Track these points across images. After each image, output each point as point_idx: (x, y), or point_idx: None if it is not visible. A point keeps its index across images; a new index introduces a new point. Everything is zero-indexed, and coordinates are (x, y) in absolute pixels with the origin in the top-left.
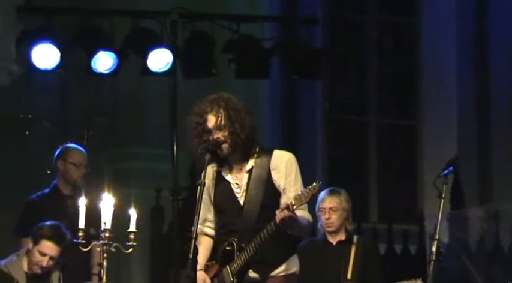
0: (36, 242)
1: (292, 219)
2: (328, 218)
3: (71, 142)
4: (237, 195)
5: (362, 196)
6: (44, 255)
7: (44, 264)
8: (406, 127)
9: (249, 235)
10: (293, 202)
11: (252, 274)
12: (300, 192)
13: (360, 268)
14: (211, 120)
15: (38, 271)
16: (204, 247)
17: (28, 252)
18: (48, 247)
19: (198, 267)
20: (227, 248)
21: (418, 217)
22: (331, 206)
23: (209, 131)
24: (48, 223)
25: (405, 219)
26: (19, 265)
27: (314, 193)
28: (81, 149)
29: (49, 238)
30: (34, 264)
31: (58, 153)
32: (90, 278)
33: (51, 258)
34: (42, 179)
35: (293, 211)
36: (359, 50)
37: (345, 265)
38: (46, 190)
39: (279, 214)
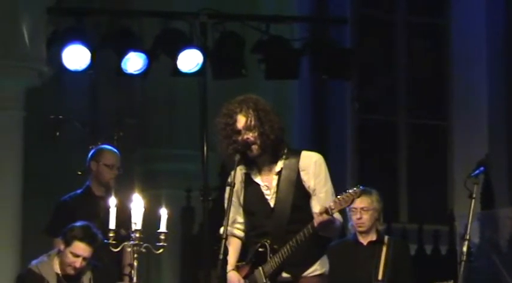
0: (68, 243)
1: (330, 223)
2: (360, 218)
3: (104, 143)
4: (267, 197)
5: (392, 196)
6: (77, 256)
7: (78, 265)
8: (436, 127)
9: (281, 237)
10: (332, 206)
11: (284, 274)
12: (339, 196)
13: (391, 269)
14: (241, 121)
15: (72, 272)
16: (234, 248)
17: (59, 253)
18: (81, 249)
19: (229, 267)
20: (259, 249)
21: (449, 217)
22: (363, 206)
23: (238, 132)
24: (79, 224)
25: (435, 219)
26: (50, 266)
27: (355, 197)
28: (115, 150)
29: (81, 239)
30: (67, 265)
31: (92, 154)
32: (122, 279)
33: (84, 258)
34: (73, 180)
35: (332, 215)
36: (388, 49)
37: (375, 265)
38: (78, 191)
39: (318, 218)
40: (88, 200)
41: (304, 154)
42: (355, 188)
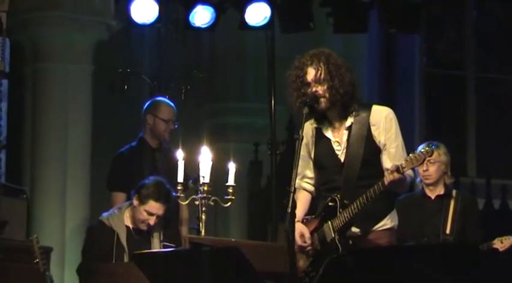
0: (142, 201)
1: (401, 181)
2: (426, 170)
3: (169, 97)
4: (337, 152)
5: (460, 150)
6: (151, 214)
7: (152, 222)
8: (506, 81)
9: (351, 192)
10: (403, 165)
11: (353, 229)
12: (411, 155)
13: (459, 223)
14: (311, 73)
15: (145, 228)
16: (302, 201)
17: (132, 207)
18: (156, 208)
19: (296, 219)
20: (330, 204)
21: None
22: (429, 158)
23: (308, 84)
24: (152, 180)
25: (504, 174)
26: (120, 219)
27: (426, 157)
28: (171, 104)
29: (157, 199)
30: (141, 221)
31: (147, 106)
32: (179, 233)
33: (157, 216)
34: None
35: (403, 173)
36: (458, 3)
37: (443, 219)
38: (133, 143)
39: (389, 177)
40: (144, 152)
41: (375, 108)
42: (426, 147)
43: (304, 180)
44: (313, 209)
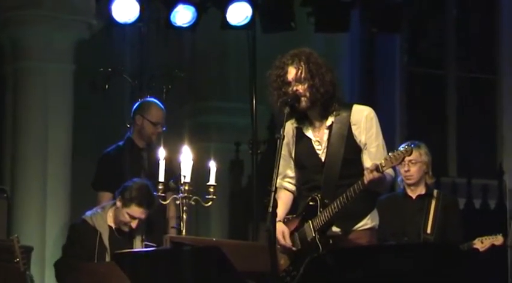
0: (125, 204)
1: (380, 180)
2: (407, 170)
3: (151, 96)
4: (318, 151)
5: (441, 150)
6: (134, 218)
7: (134, 225)
8: (486, 81)
9: (332, 191)
10: (383, 164)
11: (334, 228)
12: (390, 154)
13: (440, 223)
14: (291, 73)
15: (126, 229)
16: (284, 201)
17: (115, 208)
18: (138, 212)
19: (277, 219)
20: (310, 203)
21: (498, 171)
22: (411, 159)
23: (289, 83)
24: (136, 183)
25: (484, 174)
26: (103, 218)
27: (406, 156)
28: (161, 106)
29: (139, 204)
30: (123, 223)
31: (137, 107)
32: (167, 231)
33: (140, 220)
34: (122, 133)
35: (382, 172)
36: (439, 2)
37: (424, 219)
38: (120, 143)
39: (368, 176)
40: (131, 152)
41: (356, 108)
42: (406, 146)
43: (286, 179)
44: (294, 209)
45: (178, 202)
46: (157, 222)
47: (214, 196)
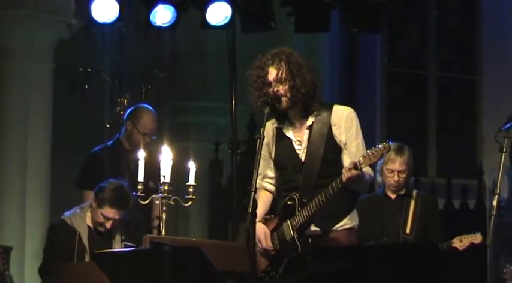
0: (99, 205)
1: (359, 178)
2: (397, 181)
3: (144, 102)
4: (298, 151)
5: (421, 150)
6: (107, 218)
7: (108, 226)
8: (466, 81)
9: (310, 191)
10: (361, 161)
11: (313, 228)
12: (368, 152)
13: (419, 223)
14: (272, 73)
15: (101, 230)
16: (263, 201)
17: (92, 208)
18: (112, 213)
19: (257, 219)
20: (288, 203)
21: (477, 171)
22: (400, 169)
23: (269, 84)
24: (110, 184)
25: (464, 174)
26: (82, 218)
27: (384, 153)
28: (154, 116)
29: (112, 205)
30: (98, 224)
31: (130, 112)
32: (151, 231)
33: (114, 220)
34: (101, 132)
35: (361, 170)
36: (419, 2)
37: (404, 219)
38: (108, 143)
39: (346, 174)
40: (118, 153)
41: (336, 108)
42: (384, 143)
43: (265, 180)
44: (274, 209)
45: (158, 202)
46: (138, 222)
47: (194, 197)
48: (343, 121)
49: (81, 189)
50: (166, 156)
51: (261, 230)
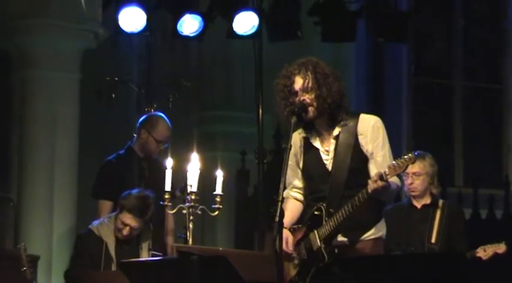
0: (119, 210)
1: (385, 188)
2: (411, 183)
3: (158, 110)
4: (325, 161)
5: (448, 160)
6: (124, 224)
7: (125, 232)
8: (493, 91)
9: (337, 201)
10: (387, 172)
11: (340, 238)
12: (394, 162)
13: (444, 233)
14: (298, 82)
15: (120, 236)
16: (291, 210)
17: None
18: (128, 219)
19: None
20: (315, 213)
21: (504, 182)
22: (414, 171)
23: (296, 93)
24: (135, 192)
25: (491, 184)
26: (110, 228)
27: (409, 164)
28: (168, 124)
29: (129, 211)
30: (117, 230)
31: (144, 120)
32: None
33: (131, 228)
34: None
35: (387, 180)
36: (446, 12)
37: (429, 229)
38: (121, 152)
39: (372, 185)
40: (132, 161)
41: (363, 117)
42: (409, 154)
43: (294, 189)
44: (302, 219)
45: (185, 211)
46: (159, 231)
47: (221, 206)
48: (370, 130)
49: (96, 199)
50: (194, 165)
51: (284, 235)
